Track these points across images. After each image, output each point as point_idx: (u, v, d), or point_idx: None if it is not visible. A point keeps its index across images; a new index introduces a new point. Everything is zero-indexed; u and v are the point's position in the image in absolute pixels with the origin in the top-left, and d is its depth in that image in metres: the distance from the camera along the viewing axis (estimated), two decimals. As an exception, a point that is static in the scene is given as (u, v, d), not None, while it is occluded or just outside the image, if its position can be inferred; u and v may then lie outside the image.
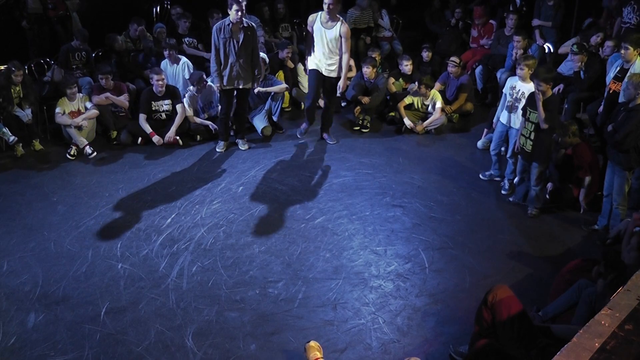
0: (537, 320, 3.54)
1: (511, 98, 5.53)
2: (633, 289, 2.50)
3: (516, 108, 5.46)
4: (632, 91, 4.56)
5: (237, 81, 6.24)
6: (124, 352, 3.59)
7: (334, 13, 6.06)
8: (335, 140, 6.78)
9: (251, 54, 6.19)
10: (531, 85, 5.35)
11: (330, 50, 6.17)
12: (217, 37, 6.05)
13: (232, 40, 6.04)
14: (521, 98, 5.41)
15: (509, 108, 5.55)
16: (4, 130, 6.20)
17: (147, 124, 6.62)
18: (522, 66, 5.42)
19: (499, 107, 5.81)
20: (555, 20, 8.11)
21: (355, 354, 3.59)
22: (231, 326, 3.83)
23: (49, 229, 4.98)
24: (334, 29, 6.10)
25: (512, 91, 5.53)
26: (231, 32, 6.02)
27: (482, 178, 5.90)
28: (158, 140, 6.58)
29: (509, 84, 5.63)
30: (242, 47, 6.08)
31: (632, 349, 2.16)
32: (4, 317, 3.89)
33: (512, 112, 5.52)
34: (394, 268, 4.45)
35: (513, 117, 5.52)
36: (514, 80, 5.58)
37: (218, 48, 6.09)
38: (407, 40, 9.77)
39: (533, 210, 5.24)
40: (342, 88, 6.37)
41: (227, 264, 4.49)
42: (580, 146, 5.15)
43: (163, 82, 6.68)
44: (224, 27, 6.03)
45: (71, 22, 8.24)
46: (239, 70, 6.17)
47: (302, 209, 5.32)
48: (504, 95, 5.70)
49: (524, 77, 5.42)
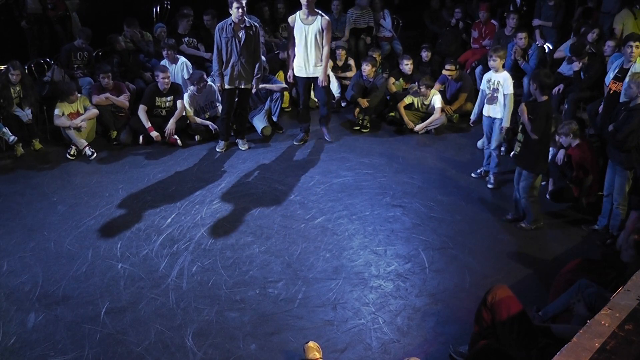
0: (537, 320, 3.53)
1: (489, 90, 5.65)
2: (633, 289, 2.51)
3: (495, 98, 5.59)
4: (634, 90, 4.56)
5: (239, 81, 6.25)
6: (124, 352, 3.59)
7: (311, 7, 6.17)
8: (332, 139, 6.78)
9: (253, 54, 6.20)
10: (504, 74, 5.59)
11: (315, 47, 6.23)
12: (220, 37, 6.07)
13: (234, 40, 6.06)
14: (498, 87, 5.56)
15: (489, 100, 5.66)
16: (4, 130, 6.20)
17: (147, 117, 6.61)
18: (495, 57, 5.57)
19: (477, 104, 5.90)
20: (555, 21, 8.11)
21: (355, 354, 3.59)
22: (231, 326, 3.83)
23: (49, 229, 4.98)
24: (315, 23, 6.19)
25: (489, 84, 5.66)
26: (233, 32, 6.04)
27: (474, 176, 5.95)
28: (157, 136, 6.58)
29: (484, 79, 5.77)
30: (244, 47, 6.09)
31: (632, 349, 2.16)
32: (4, 317, 3.89)
33: (492, 104, 5.64)
34: (394, 268, 4.45)
35: (493, 108, 5.64)
36: (488, 74, 5.74)
37: (220, 48, 6.10)
38: (407, 41, 9.77)
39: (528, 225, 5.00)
40: (323, 82, 6.40)
41: (227, 264, 4.49)
42: (581, 146, 5.14)
43: (169, 79, 6.73)
44: (226, 26, 6.05)
45: (71, 22, 8.24)
46: (241, 70, 6.18)
47: (302, 209, 5.32)
48: (481, 92, 5.81)
49: (497, 67, 5.59)
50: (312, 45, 6.23)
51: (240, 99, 6.49)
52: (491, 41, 8.59)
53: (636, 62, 5.66)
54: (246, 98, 6.56)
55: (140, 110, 6.65)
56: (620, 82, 5.48)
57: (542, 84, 4.67)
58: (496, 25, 8.73)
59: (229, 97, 6.39)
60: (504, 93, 5.51)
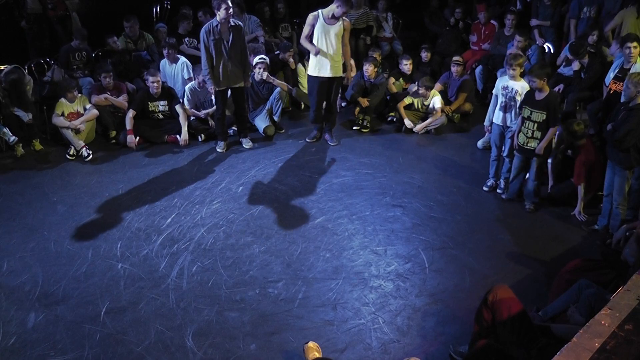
0: (537, 320, 3.54)
1: (504, 98, 5.46)
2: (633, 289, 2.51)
3: (512, 107, 5.42)
4: (632, 90, 4.56)
5: (230, 81, 6.26)
6: (124, 352, 3.59)
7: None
8: (336, 142, 6.78)
9: (240, 53, 6.21)
10: (523, 83, 5.39)
11: (335, 48, 6.24)
12: (207, 39, 6.04)
13: (222, 41, 6.06)
14: (515, 96, 5.38)
15: (503, 108, 5.48)
16: (4, 131, 6.20)
17: (132, 121, 6.59)
18: (514, 66, 5.39)
19: (490, 109, 5.72)
20: (553, 19, 8.11)
21: (355, 354, 3.59)
22: (231, 326, 3.83)
23: (49, 229, 4.98)
24: (338, 24, 6.20)
25: (505, 91, 5.46)
26: (220, 33, 6.03)
27: (485, 189, 5.69)
28: (131, 142, 6.53)
29: (499, 84, 5.56)
30: (232, 47, 6.10)
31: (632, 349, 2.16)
32: (4, 317, 3.89)
33: (507, 112, 5.47)
34: (394, 268, 4.45)
35: (508, 116, 5.47)
36: (504, 80, 5.53)
37: (209, 50, 6.08)
38: (407, 41, 9.77)
39: (531, 205, 5.25)
40: (348, 79, 6.61)
41: (227, 264, 4.49)
42: (586, 147, 5.14)
43: (158, 83, 6.69)
44: (212, 28, 6.02)
45: (71, 22, 8.24)
46: (231, 69, 6.18)
47: (302, 209, 5.32)
48: (494, 97, 5.62)
49: (515, 76, 5.41)
50: (331, 46, 6.22)
51: (235, 98, 6.49)
52: (491, 44, 8.59)
53: (636, 63, 5.67)
54: (241, 96, 6.53)
55: (129, 114, 6.60)
56: (621, 82, 5.48)
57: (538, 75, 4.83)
58: (496, 26, 8.72)
59: (222, 97, 6.40)
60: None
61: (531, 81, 4.97)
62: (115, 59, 7.53)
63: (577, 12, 7.87)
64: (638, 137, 4.58)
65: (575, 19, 7.90)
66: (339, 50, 6.30)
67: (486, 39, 8.67)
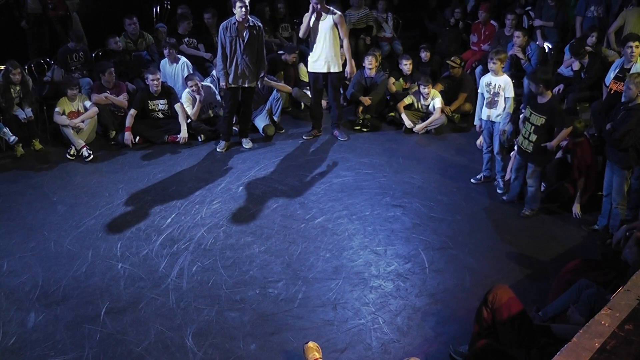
0: (537, 320, 3.54)
1: (489, 94, 5.52)
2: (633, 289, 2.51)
3: (496, 102, 5.48)
4: (632, 90, 4.56)
5: (243, 80, 6.28)
6: (124, 352, 3.59)
7: (322, 5, 6.32)
8: (346, 137, 6.85)
9: (257, 53, 6.23)
10: (505, 77, 5.48)
11: (329, 44, 6.38)
12: (224, 36, 6.12)
13: (238, 39, 6.10)
14: (499, 91, 5.44)
15: (488, 104, 5.53)
16: (4, 131, 6.20)
17: (132, 119, 6.61)
18: (495, 60, 5.44)
19: (477, 108, 5.75)
20: (557, 20, 8.10)
21: (355, 354, 3.59)
22: (231, 326, 3.83)
23: (49, 229, 4.98)
24: (327, 20, 6.35)
25: (489, 87, 5.52)
26: (237, 31, 6.07)
27: (473, 182, 5.81)
28: (127, 139, 6.54)
29: (483, 82, 5.61)
30: (247, 46, 6.13)
31: (632, 349, 2.16)
32: (4, 317, 3.89)
33: (492, 108, 5.51)
34: (394, 268, 4.45)
35: (493, 112, 5.52)
36: (487, 77, 5.58)
37: (224, 46, 6.13)
38: (407, 41, 9.77)
39: (527, 211, 5.19)
40: (349, 74, 6.66)
41: (227, 264, 4.49)
42: (583, 145, 5.14)
43: (158, 81, 6.70)
44: (229, 25, 6.09)
45: (71, 22, 8.23)
46: (245, 68, 6.21)
47: (302, 209, 5.32)
48: (480, 95, 5.67)
49: (497, 70, 5.46)
50: (325, 41, 6.38)
51: (244, 98, 6.52)
52: (491, 44, 8.58)
53: (637, 62, 5.66)
54: (250, 97, 6.57)
55: (130, 113, 6.62)
56: (622, 82, 5.47)
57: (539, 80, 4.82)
58: (495, 26, 8.72)
59: (233, 96, 6.41)
60: (506, 97, 5.42)
61: (530, 85, 4.98)
62: (115, 59, 7.52)
63: (583, 10, 7.83)
64: (637, 137, 4.58)
65: (581, 17, 7.87)
66: (333, 45, 6.42)
67: (486, 40, 8.66)
